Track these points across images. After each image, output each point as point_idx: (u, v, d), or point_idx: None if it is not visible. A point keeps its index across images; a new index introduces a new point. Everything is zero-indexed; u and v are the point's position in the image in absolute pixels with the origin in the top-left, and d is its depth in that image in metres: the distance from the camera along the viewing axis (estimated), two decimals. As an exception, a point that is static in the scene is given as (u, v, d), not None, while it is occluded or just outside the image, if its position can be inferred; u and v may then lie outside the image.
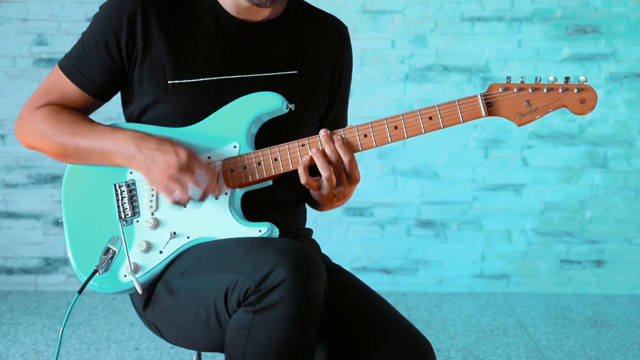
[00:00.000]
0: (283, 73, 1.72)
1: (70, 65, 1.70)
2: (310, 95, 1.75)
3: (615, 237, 3.81)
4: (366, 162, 3.72)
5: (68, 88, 1.70)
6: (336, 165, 1.59)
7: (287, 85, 1.71)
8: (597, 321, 3.46)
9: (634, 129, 3.75)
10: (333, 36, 1.83)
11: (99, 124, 1.69)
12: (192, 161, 1.57)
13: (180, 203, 1.60)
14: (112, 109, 2.17)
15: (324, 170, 1.58)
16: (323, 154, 1.58)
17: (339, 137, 1.59)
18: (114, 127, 1.66)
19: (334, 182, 1.60)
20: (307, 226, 1.90)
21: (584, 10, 3.68)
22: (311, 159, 1.59)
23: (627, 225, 3.80)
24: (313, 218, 1.92)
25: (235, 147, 1.63)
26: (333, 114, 1.85)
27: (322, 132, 1.59)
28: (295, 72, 1.74)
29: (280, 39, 1.75)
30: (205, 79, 1.67)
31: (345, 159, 1.58)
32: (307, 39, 1.78)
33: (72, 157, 1.68)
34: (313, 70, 1.77)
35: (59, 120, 1.68)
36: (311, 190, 1.66)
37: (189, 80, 1.67)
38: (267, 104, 1.63)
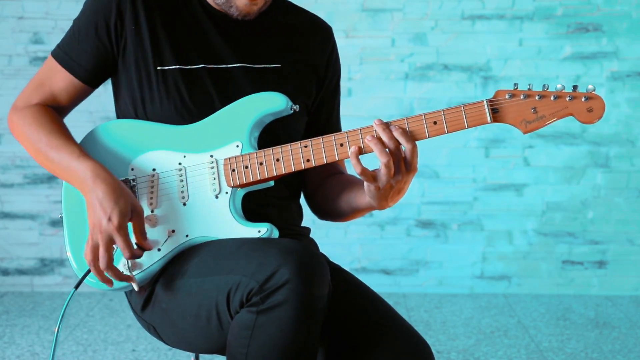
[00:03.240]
0: (267, 66, 1.74)
1: (62, 51, 1.74)
2: (294, 89, 1.75)
3: (617, 237, 3.79)
4: (366, 162, 3.68)
5: (59, 75, 1.73)
6: (395, 153, 1.55)
7: (271, 78, 1.72)
8: (599, 323, 3.44)
9: (636, 128, 3.72)
10: (316, 33, 1.84)
11: (73, 141, 1.68)
12: (117, 233, 1.53)
13: (86, 258, 1.57)
14: (110, 108, 2.15)
15: (382, 156, 1.54)
16: (380, 140, 1.55)
17: (397, 126, 1.55)
18: (83, 152, 1.64)
19: (392, 171, 1.56)
20: (305, 225, 1.88)
21: (586, 9, 3.66)
22: (359, 149, 1.57)
23: (630, 226, 3.78)
24: (312, 218, 1.90)
25: (237, 146, 1.62)
26: (326, 116, 1.84)
27: (376, 121, 1.56)
28: (279, 65, 1.74)
29: (264, 33, 1.76)
30: (192, 66, 1.69)
31: (408, 146, 1.54)
32: (290, 34, 1.80)
33: (44, 164, 1.70)
34: (297, 65, 1.77)
35: (40, 125, 1.69)
36: (365, 184, 1.61)
37: (176, 67, 1.68)
38: (272, 104, 1.63)
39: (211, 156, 1.63)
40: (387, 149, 1.54)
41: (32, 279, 3.82)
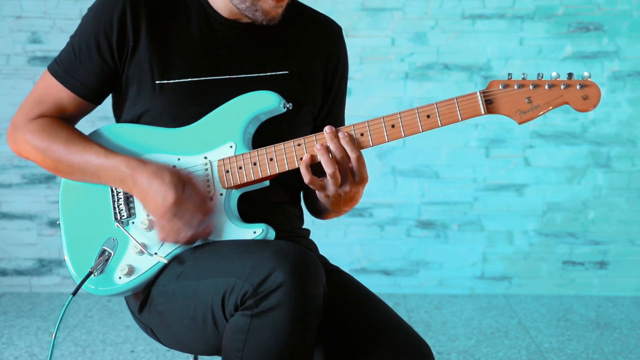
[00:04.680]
0: (274, 73, 1.70)
1: (62, 70, 1.68)
2: (302, 96, 1.72)
3: (618, 238, 3.77)
4: (366, 162, 3.67)
5: (61, 94, 1.69)
6: (341, 163, 1.54)
7: (278, 86, 1.68)
8: (600, 323, 3.42)
9: (637, 128, 3.71)
10: (326, 36, 1.81)
11: (93, 142, 1.66)
12: (179, 205, 1.54)
13: (177, 243, 1.59)
14: (108, 108, 2.14)
15: (328, 167, 1.53)
16: (327, 150, 1.54)
17: (345, 133, 1.54)
18: (107, 150, 1.62)
19: (339, 180, 1.55)
20: (305, 227, 1.87)
21: (587, 8, 3.64)
22: (311, 157, 1.55)
23: (631, 226, 3.77)
24: (312, 218, 1.89)
25: (231, 147, 1.61)
26: (324, 114, 1.81)
27: (327, 128, 1.55)
28: (287, 72, 1.72)
29: (271, 38, 1.72)
30: (192, 79, 1.65)
31: (352, 155, 1.54)
32: (299, 39, 1.76)
33: (66, 173, 1.67)
34: (305, 71, 1.75)
35: (52, 134, 1.66)
36: (317, 192, 1.61)
37: (176, 81, 1.65)
38: (264, 103, 1.60)
39: (205, 157, 1.62)
40: (333, 158, 1.53)
41: (30, 280, 3.81)
